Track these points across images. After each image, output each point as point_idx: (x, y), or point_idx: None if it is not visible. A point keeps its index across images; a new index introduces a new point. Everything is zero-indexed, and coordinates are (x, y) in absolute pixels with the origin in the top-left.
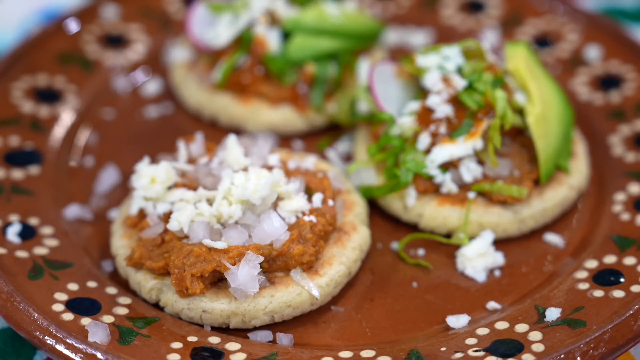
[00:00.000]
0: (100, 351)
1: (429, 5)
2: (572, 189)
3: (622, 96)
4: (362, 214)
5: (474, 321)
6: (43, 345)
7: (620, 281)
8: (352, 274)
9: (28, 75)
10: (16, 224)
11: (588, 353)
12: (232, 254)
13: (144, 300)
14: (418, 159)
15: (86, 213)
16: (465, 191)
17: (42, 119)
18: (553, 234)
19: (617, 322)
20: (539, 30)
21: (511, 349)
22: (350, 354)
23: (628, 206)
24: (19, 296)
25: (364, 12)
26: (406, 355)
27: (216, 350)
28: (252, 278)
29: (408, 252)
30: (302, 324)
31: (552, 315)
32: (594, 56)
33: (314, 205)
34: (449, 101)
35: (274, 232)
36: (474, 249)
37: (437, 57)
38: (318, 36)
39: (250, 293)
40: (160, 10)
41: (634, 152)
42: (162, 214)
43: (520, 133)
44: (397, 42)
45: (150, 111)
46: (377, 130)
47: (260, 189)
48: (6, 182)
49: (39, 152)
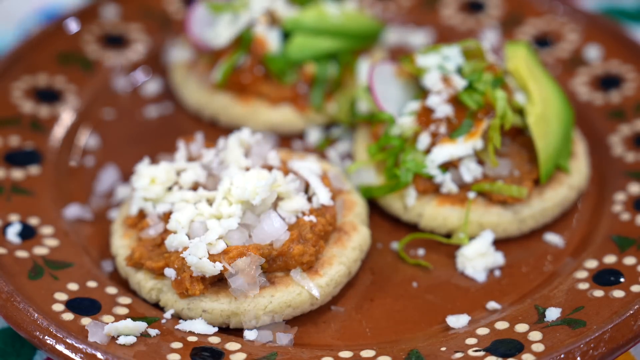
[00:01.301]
0: (100, 351)
1: (429, 5)
2: (572, 189)
3: (622, 96)
4: (362, 214)
5: (474, 321)
6: (43, 345)
7: (620, 281)
8: (352, 274)
9: (28, 75)
10: (16, 224)
11: (588, 353)
12: (232, 254)
13: (144, 300)
14: (418, 159)
15: (86, 213)
16: (465, 191)
17: (42, 119)
18: (553, 234)
19: (617, 322)
20: (539, 30)
21: (511, 349)
22: (350, 354)
23: (628, 206)
24: (19, 296)
25: (364, 12)
26: (406, 355)
27: (216, 350)
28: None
29: (408, 252)
30: (302, 324)
31: (552, 315)
32: (594, 56)
33: (314, 206)
34: (449, 101)
35: (274, 232)
36: (474, 249)
37: (437, 57)
38: (318, 36)
39: (251, 295)
40: (160, 10)
41: (634, 152)
42: (162, 214)
43: (520, 133)
44: (397, 42)
45: (150, 111)
46: (377, 130)
47: (260, 190)
48: (6, 182)
49: (39, 152)
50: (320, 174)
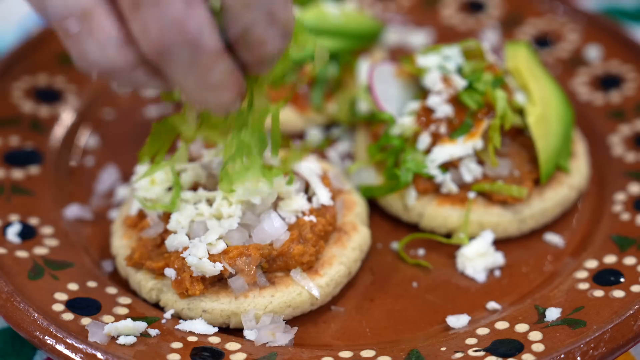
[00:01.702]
0: (100, 351)
1: (429, 5)
2: (572, 189)
3: (622, 96)
4: (362, 214)
5: (474, 321)
6: (43, 345)
7: (620, 281)
8: (352, 274)
9: (28, 75)
10: (16, 224)
11: (588, 353)
12: (232, 254)
13: (144, 300)
14: (418, 159)
15: (86, 213)
16: (466, 191)
17: (42, 119)
18: (553, 234)
19: (617, 322)
20: (539, 30)
21: (511, 349)
22: (350, 354)
23: (628, 206)
24: (19, 296)
25: (364, 12)
26: (406, 355)
27: (216, 350)
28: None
29: (408, 252)
30: (302, 324)
31: (552, 315)
32: (594, 56)
33: (314, 206)
34: (449, 101)
35: (274, 232)
36: (474, 249)
37: (437, 57)
38: (318, 36)
39: (251, 295)
40: None
41: (634, 152)
42: (162, 214)
43: (520, 133)
44: (397, 42)
45: (150, 111)
46: (377, 130)
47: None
48: (6, 182)
49: (39, 152)
50: (320, 174)
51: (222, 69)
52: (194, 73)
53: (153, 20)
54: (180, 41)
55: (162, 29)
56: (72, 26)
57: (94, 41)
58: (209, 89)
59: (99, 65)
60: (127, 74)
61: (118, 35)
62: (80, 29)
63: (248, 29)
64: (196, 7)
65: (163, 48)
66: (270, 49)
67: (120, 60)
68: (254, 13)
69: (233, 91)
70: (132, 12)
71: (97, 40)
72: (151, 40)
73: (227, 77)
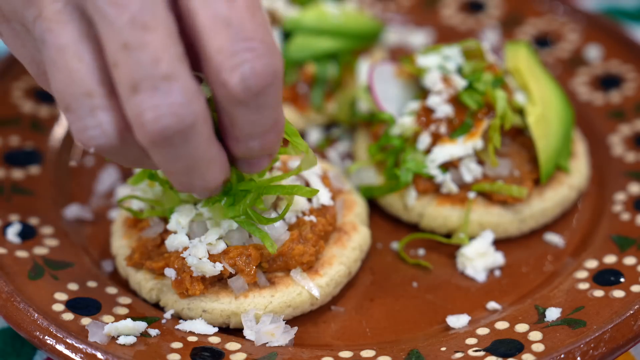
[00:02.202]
0: (100, 351)
1: (429, 5)
2: (572, 189)
3: (622, 96)
4: (362, 214)
5: (474, 321)
6: (43, 345)
7: (620, 281)
8: (352, 274)
9: (28, 75)
10: (16, 224)
11: (588, 353)
12: (232, 254)
13: (144, 300)
14: (418, 159)
15: (86, 213)
16: (466, 191)
17: (42, 119)
18: (553, 234)
19: (617, 322)
20: (539, 30)
21: (511, 349)
22: (350, 354)
23: (628, 206)
24: (19, 296)
25: (364, 12)
26: (406, 355)
27: (216, 350)
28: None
29: (408, 252)
30: (302, 324)
31: (552, 315)
32: (594, 56)
33: (314, 206)
34: (449, 101)
35: (274, 232)
36: (474, 249)
37: (437, 57)
38: (318, 36)
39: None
40: None
41: (634, 152)
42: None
43: (520, 133)
44: (397, 42)
45: None
46: (377, 130)
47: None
48: (6, 182)
49: (39, 152)
50: (320, 174)
51: (211, 156)
52: (183, 159)
53: (149, 106)
54: (175, 129)
55: (157, 116)
56: (74, 105)
57: (92, 121)
58: (196, 174)
59: (96, 144)
60: (122, 152)
61: (113, 119)
62: (81, 109)
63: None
64: (195, 97)
65: (155, 135)
66: (258, 145)
67: (115, 141)
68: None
69: (219, 177)
70: (129, 96)
71: (95, 121)
72: (144, 126)
73: (215, 163)
